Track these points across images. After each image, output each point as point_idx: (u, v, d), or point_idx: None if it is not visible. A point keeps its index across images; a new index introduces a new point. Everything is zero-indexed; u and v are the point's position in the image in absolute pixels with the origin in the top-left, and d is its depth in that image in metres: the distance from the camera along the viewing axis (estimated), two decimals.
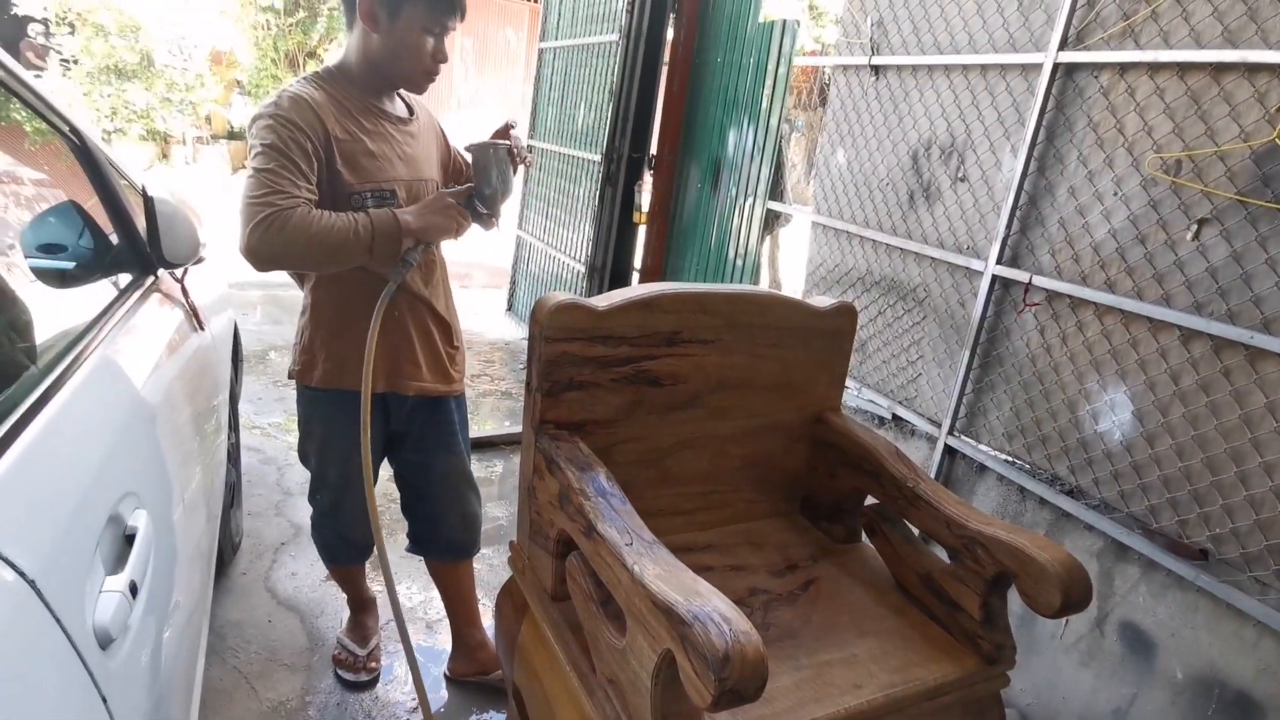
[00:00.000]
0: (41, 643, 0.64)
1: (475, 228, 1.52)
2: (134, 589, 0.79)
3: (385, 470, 1.74)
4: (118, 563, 0.80)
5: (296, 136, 1.31)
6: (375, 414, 1.58)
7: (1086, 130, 1.97)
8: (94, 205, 1.34)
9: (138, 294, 1.33)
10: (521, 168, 1.54)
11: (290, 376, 1.59)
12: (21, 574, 0.63)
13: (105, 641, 0.72)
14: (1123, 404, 1.89)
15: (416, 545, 1.78)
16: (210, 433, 1.58)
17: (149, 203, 1.32)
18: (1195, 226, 1.73)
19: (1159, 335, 1.80)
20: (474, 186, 1.46)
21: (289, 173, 1.29)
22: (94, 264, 1.24)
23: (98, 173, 1.34)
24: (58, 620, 0.66)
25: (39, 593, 0.64)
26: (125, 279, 1.35)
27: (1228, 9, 1.65)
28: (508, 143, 1.47)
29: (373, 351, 1.42)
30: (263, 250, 1.26)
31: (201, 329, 1.63)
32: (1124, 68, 1.87)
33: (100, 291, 1.24)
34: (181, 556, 1.08)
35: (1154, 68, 1.80)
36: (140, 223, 1.39)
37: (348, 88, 1.43)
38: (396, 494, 1.79)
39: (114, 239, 1.35)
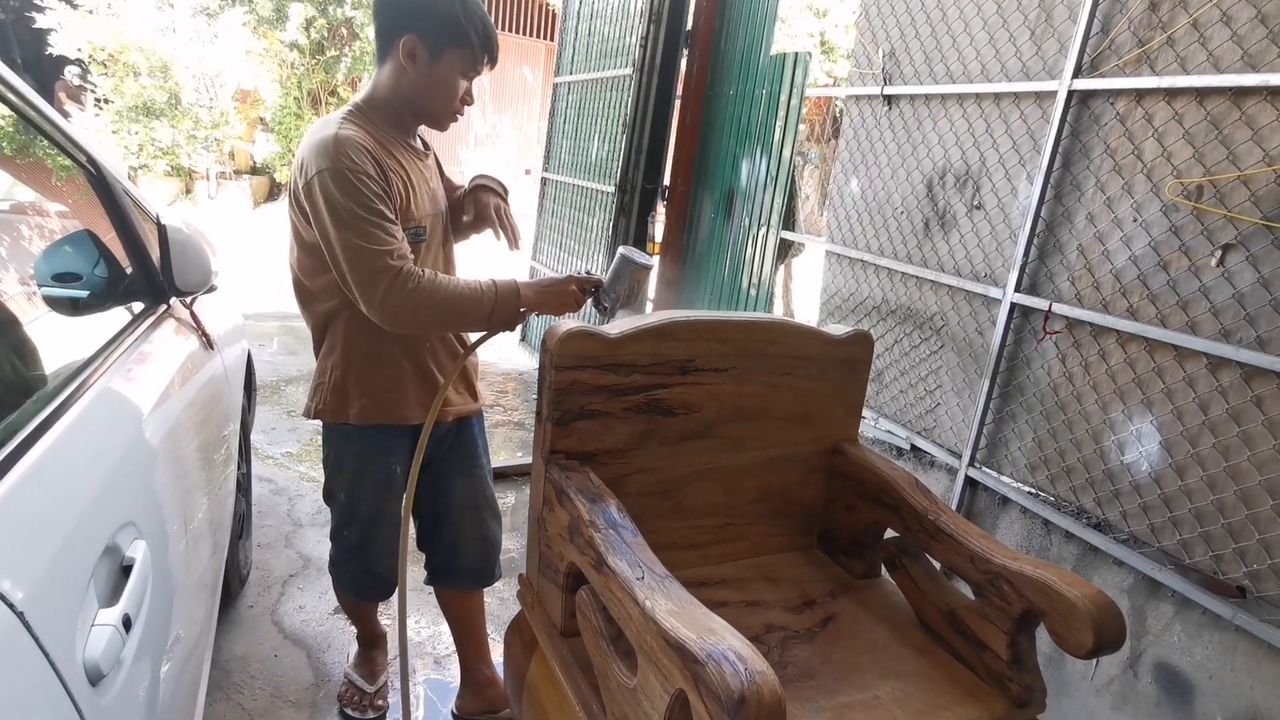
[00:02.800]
0: (28, 677, 0.62)
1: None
2: (128, 622, 0.77)
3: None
4: (113, 595, 0.78)
5: (368, 184, 1.29)
6: (406, 442, 1.57)
7: (1104, 157, 1.94)
8: (112, 238, 1.35)
9: (149, 322, 1.33)
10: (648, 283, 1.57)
11: (313, 417, 1.54)
12: (10, 605, 0.61)
13: (95, 677, 0.70)
14: (1149, 434, 1.84)
15: (434, 575, 1.75)
16: (219, 462, 1.57)
17: (162, 231, 1.32)
18: (1219, 252, 1.69)
19: (1185, 363, 1.75)
20: (604, 285, 1.51)
21: (380, 228, 1.27)
22: (107, 292, 1.24)
23: (113, 202, 1.35)
24: (45, 654, 0.64)
25: (27, 625, 0.62)
26: (138, 307, 1.36)
27: (1248, 33, 1.63)
28: (652, 264, 1.52)
29: (444, 394, 1.44)
30: (397, 315, 1.29)
31: (211, 346, 1.63)
32: (1140, 94, 1.85)
33: (111, 319, 1.24)
34: (183, 589, 1.05)
35: (1171, 93, 1.78)
36: (154, 251, 1.39)
37: (379, 123, 1.42)
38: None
39: (128, 268, 1.35)
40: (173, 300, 1.49)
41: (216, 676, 1.88)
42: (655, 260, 1.50)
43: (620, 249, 1.48)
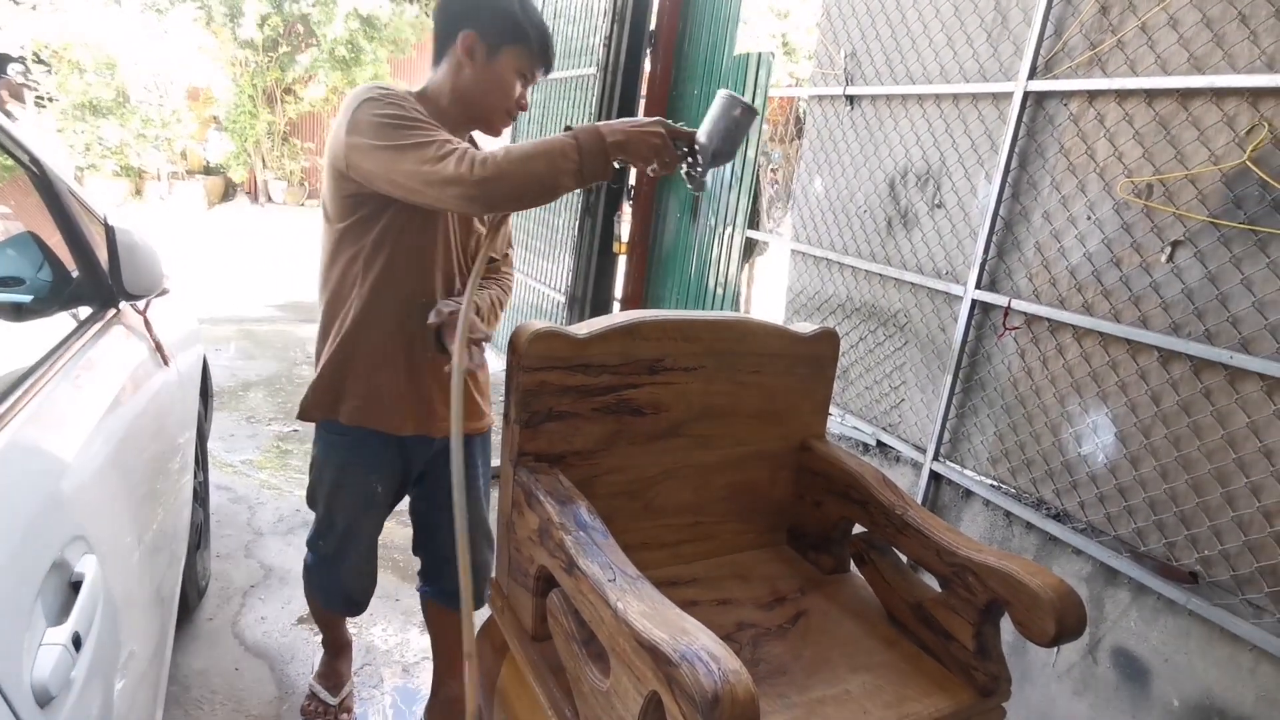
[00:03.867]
0: None
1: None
2: (78, 641, 0.74)
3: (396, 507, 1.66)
4: (61, 613, 0.74)
5: (413, 106, 1.24)
6: (393, 458, 1.51)
7: (1058, 156, 1.99)
8: (57, 241, 1.30)
9: (97, 327, 1.28)
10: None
11: (301, 416, 1.46)
12: None
13: (44, 699, 0.67)
14: (1105, 426, 1.89)
15: (425, 582, 1.72)
16: (174, 472, 1.52)
17: (110, 233, 1.27)
18: (1169, 249, 1.75)
19: (1138, 357, 1.81)
20: (696, 132, 1.28)
21: (435, 130, 1.21)
22: (52, 296, 1.19)
23: (57, 203, 1.30)
24: None
25: None
26: (85, 311, 1.30)
27: (1194, 36, 1.69)
28: (756, 110, 1.27)
29: (462, 376, 1.27)
30: (487, 185, 1.13)
31: (166, 362, 1.57)
32: (1092, 95, 1.90)
33: (57, 325, 1.19)
34: (137, 604, 1.02)
35: (1122, 94, 1.83)
36: (102, 254, 1.34)
37: (433, 115, 1.36)
38: (403, 535, 1.71)
39: (74, 271, 1.30)
40: (123, 304, 1.43)
41: (175, 692, 1.82)
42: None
43: (720, 90, 1.28)
